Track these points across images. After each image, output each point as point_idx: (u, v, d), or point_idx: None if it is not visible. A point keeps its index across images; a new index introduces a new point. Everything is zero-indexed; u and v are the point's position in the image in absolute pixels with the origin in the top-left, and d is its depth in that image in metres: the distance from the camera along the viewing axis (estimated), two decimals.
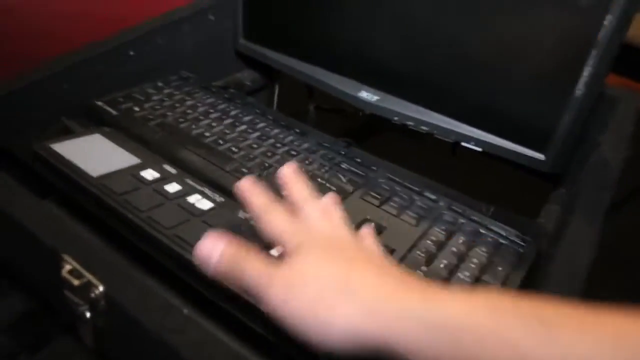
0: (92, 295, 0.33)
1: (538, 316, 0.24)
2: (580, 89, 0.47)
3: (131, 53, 0.59)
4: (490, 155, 0.53)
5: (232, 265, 0.31)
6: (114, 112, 0.53)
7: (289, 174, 0.37)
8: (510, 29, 0.48)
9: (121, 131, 0.51)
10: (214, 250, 0.31)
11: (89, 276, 0.34)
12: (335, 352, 0.27)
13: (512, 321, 0.24)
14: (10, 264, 0.45)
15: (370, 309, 0.27)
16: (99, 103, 0.54)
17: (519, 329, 0.24)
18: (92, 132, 0.50)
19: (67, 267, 0.34)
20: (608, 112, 0.52)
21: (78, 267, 0.34)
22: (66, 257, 0.35)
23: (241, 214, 0.42)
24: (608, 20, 0.43)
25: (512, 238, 0.44)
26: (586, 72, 0.46)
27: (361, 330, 0.26)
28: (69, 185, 0.43)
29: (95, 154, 0.46)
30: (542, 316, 0.24)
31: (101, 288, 0.33)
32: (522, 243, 0.44)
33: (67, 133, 0.51)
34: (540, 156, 0.50)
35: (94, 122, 0.53)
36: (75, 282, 0.33)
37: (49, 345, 0.49)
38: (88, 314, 0.35)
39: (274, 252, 0.36)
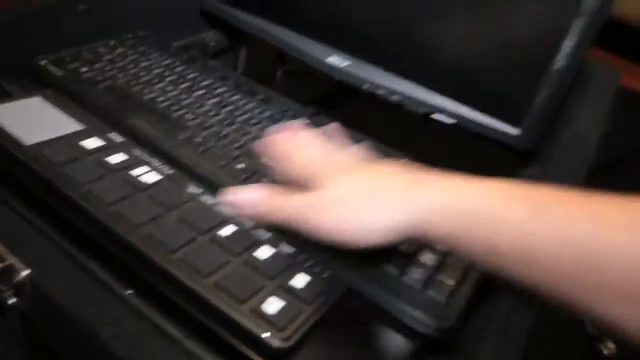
0: (16, 280, 0.30)
1: (540, 201, 0.27)
2: (559, 61, 0.44)
3: (81, 7, 0.54)
4: (463, 130, 0.50)
5: (272, 204, 0.34)
6: (58, 73, 0.49)
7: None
8: None
9: (66, 94, 0.47)
10: (254, 196, 0.35)
11: (12, 259, 0.30)
12: (373, 246, 0.31)
13: (518, 206, 0.28)
14: None
15: (407, 205, 0.30)
16: (42, 63, 0.49)
17: (524, 213, 0.27)
18: (31, 95, 0.45)
19: None
20: (586, 87, 0.50)
21: (1, 248, 0.31)
22: None
23: (190, 189, 0.38)
24: None
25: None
26: (567, 43, 0.44)
27: (401, 225, 0.30)
28: (0, 155, 0.39)
29: (33, 120, 0.42)
30: (544, 201, 0.27)
31: (26, 272, 0.30)
32: None
33: (6, 97, 0.46)
34: (515, 131, 0.48)
35: (36, 84, 0.48)
36: None
37: None
38: (13, 299, 0.32)
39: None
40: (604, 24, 0.43)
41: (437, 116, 0.51)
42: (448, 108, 0.50)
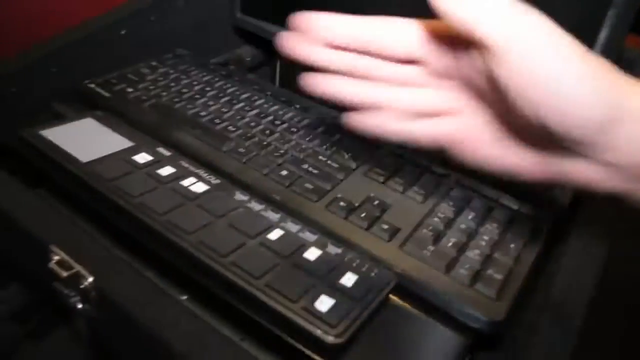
0: (82, 286, 0.32)
1: None
2: (596, 52, 0.44)
3: (123, 32, 0.57)
4: None
5: None
6: (106, 95, 0.51)
7: None
8: None
9: (114, 114, 0.49)
10: None
11: (78, 267, 0.32)
12: None
13: None
14: (4, 253, 0.44)
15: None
16: (91, 86, 0.52)
17: None
18: (83, 117, 0.48)
19: (56, 258, 0.33)
20: (626, 75, 0.49)
21: (67, 258, 0.33)
22: (54, 247, 0.33)
23: (237, 196, 0.40)
24: None
25: (525, 212, 0.42)
26: (603, 34, 0.43)
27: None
28: (58, 173, 0.41)
29: (86, 139, 0.45)
30: None
31: (91, 279, 0.32)
32: (536, 217, 0.42)
33: (59, 118, 0.49)
34: None
35: (86, 105, 0.51)
36: (64, 274, 0.32)
37: (52, 333, 0.48)
38: (80, 305, 0.34)
39: None
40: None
41: None
42: None
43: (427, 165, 0.46)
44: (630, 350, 0.61)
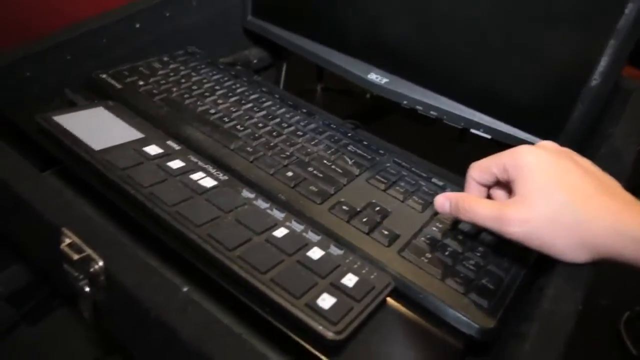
0: (92, 270, 0.33)
1: None
2: (596, 78, 0.46)
3: (137, 25, 0.58)
4: (500, 143, 0.52)
5: (460, 210, 0.37)
6: (118, 86, 0.52)
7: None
8: (527, 14, 0.47)
9: (125, 105, 0.50)
10: (445, 202, 0.39)
11: (88, 250, 0.33)
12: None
13: None
14: (12, 234, 0.44)
15: (615, 230, 0.32)
16: (103, 76, 0.53)
17: None
18: (95, 105, 0.49)
19: (67, 240, 0.34)
20: (621, 103, 0.51)
21: (78, 241, 0.34)
22: (66, 230, 0.34)
23: (244, 194, 0.41)
24: (629, 9, 0.42)
25: None
26: (603, 61, 0.45)
27: (607, 248, 0.32)
28: (71, 158, 0.42)
29: (98, 128, 0.46)
30: None
31: (101, 263, 0.33)
32: None
33: (71, 105, 0.50)
34: None
35: (98, 95, 0.52)
36: (75, 257, 0.33)
37: (49, 315, 0.49)
38: (87, 289, 0.34)
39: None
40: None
41: (474, 131, 0.53)
42: (485, 123, 0.52)
43: (427, 177, 0.48)
44: None
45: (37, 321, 0.46)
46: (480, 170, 0.38)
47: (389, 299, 0.36)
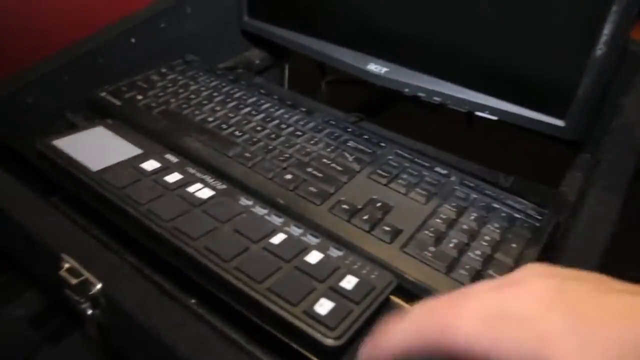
0: (91, 293, 0.33)
1: None
2: (600, 48, 0.44)
3: (133, 40, 0.59)
4: (508, 123, 0.50)
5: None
6: (117, 103, 0.53)
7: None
8: None
9: (125, 122, 0.50)
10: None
11: (87, 274, 0.33)
12: None
13: None
14: (20, 262, 0.46)
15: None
16: (102, 94, 0.54)
17: None
18: (94, 125, 0.49)
19: (66, 265, 0.34)
20: (632, 70, 0.49)
21: (76, 265, 0.34)
22: (64, 255, 0.35)
23: (242, 201, 0.41)
24: None
25: (528, 211, 0.42)
26: (607, 29, 0.43)
27: None
28: (70, 181, 0.43)
29: (97, 148, 0.46)
30: None
31: (99, 286, 0.33)
32: (539, 216, 0.42)
33: (72, 127, 0.50)
34: (559, 122, 0.47)
35: (98, 114, 0.52)
36: (73, 281, 0.33)
37: (69, 337, 0.50)
38: (90, 311, 0.35)
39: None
40: None
41: (480, 113, 0.52)
42: (490, 105, 0.50)
43: (431, 166, 0.46)
44: None
45: (58, 342, 0.47)
46: None
47: (392, 297, 0.36)
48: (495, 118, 0.51)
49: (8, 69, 0.52)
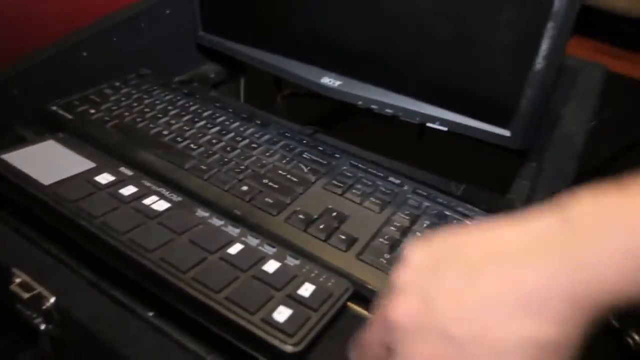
0: (44, 307, 0.32)
1: None
2: (540, 62, 0.46)
3: (85, 54, 0.58)
4: (458, 134, 0.52)
5: None
6: (69, 117, 0.52)
7: None
8: (467, 5, 0.47)
9: (77, 136, 0.50)
10: None
11: (39, 288, 0.33)
12: None
13: None
14: None
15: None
16: (53, 108, 0.53)
17: None
18: (45, 139, 0.48)
19: (17, 280, 0.34)
20: (570, 83, 0.52)
21: (28, 279, 0.33)
22: (15, 270, 0.34)
23: (198, 213, 0.41)
24: None
25: (479, 218, 0.44)
26: (544, 45, 0.46)
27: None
28: (21, 196, 0.42)
29: (48, 162, 0.45)
30: None
31: (52, 300, 0.32)
32: None
33: (22, 142, 0.49)
34: (505, 132, 0.49)
35: (49, 128, 0.51)
36: (25, 295, 0.33)
37: (22, 353, 0.48)
38: (43, 326, 0.34)
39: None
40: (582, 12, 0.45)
41: (431, 125, 0.53)
42: (440, 116, 0.52)
43: (384, 176, 0.48)
44: None
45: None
46: None
47: (350, 304, 0.36)
48: (445, 129, 0.53)
49: None
